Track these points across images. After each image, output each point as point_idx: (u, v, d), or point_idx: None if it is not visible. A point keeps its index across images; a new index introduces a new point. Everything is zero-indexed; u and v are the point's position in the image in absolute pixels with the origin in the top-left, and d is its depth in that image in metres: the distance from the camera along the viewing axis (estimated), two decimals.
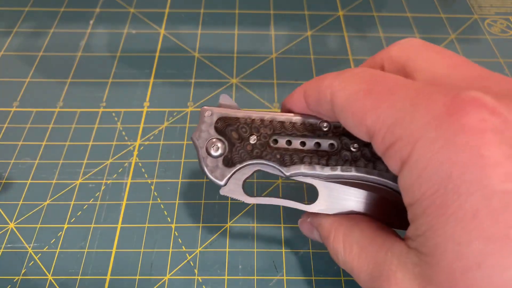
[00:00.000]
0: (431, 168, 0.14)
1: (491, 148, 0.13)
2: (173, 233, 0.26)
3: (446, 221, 0.13)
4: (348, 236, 0.19)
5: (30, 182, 0.28)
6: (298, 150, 0.20)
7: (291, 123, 0.20)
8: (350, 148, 0.20)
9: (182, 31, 0.38)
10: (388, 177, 0.19)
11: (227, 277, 0.24)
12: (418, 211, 0.14)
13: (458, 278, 0.13)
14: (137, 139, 0.30)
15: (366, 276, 0.17)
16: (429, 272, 0.14)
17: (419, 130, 0.14)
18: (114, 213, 0.26)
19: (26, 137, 0.30)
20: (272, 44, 0.37)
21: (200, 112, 0.21)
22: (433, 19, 0.40)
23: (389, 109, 0.15)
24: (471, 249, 0.13)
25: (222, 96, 0.22)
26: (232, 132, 0.21)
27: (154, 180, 0.28)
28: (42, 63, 0.35)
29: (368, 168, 0.19)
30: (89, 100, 0.32)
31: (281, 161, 0.20)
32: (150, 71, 0.34)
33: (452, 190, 0.13)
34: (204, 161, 0.21)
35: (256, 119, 0.21)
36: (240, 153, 0.20)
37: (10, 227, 0.26)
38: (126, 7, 0.40)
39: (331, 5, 0.41)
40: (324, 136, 0.20)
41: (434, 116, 0.14)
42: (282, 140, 0.20)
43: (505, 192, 0.13)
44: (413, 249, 0.15)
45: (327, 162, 0.20)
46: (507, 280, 0.12)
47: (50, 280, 0.24)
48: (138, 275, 0.24)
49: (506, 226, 0.12)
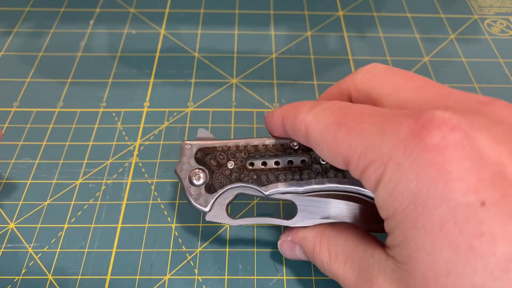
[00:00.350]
0: (401, 186, 0.15)
1: (453, 164, 0.14)
2: (173, 233, 0.26)
3: (417, 234, 0.14)
4: (333, 245, 0.20)
5: (30, 182, 0.28)
6: (273, 169, 0.22)
7: (264, 145, 0.22)
8: (320, 161, 0.22)
9: (182, 31, 0.38)
10: (359, 183, 0.20)
11: (227, 277, 0.24)
12: (392, 225, 0.16)
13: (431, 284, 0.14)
14: (137, 139, 0.30)
15: (351, 283, 0.18)
16: (406, 279, 0.15)
17: (388, 153, 0.15)
18: (114, 213, 0.26)
19: (26, 137, 0.30)
20: (272, 44, 0.37)
21: (181, 146, 0.23)
22: (433, 19, 0.40)
23: (359, 136, 0.16)
24: (440, 258, 0.14)
25: (200, 130, 0.24)
26: (211, 160, 0.22)
27: (154, 180, 0.28)
28: (42, 63, 0.35)
29: (338, 177, 0.21)
30: (89, 100, 0.32)
31: (258, 181, 0.22)
32: (150, 71, 0.35)
33: (421, 205, 0.14)
34: (188, 191, 0.22)
35: (232, 146, 0.22)
36: (220, 178, 0.22)
37: (10, 227, 0.26)
38: (126, 7, 0.40)
39: (331, 5, 0.41)
40: (295, 154, 0.22)
41: (401, 138, 0.15)
42: (257, 162, 0.22)
43: (468, 204, 0.14)
44: (391, 257, 0.16)
45: (300, 177, 0.21)
46: (475, 285, 0.13)
47: (50, 280, 0.24)
48: (138, 275, 0.24)
49: (470, 236, 0.13)
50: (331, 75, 0.35)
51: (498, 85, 0.34)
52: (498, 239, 0.13)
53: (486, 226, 0.13)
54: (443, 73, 0.35)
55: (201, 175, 0.22)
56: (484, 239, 0.13)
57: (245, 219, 0.22)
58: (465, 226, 0.13)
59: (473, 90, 0.34)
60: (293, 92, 0.33)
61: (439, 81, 0.34)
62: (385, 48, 0.37)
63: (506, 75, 0.35)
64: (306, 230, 0.22)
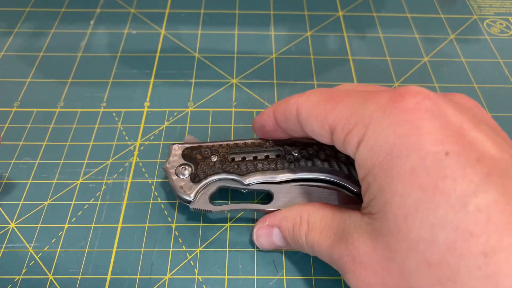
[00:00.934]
0: (380, 140, 0.17)
1: (424, 122, 0.17)
2: (173, 233, 0.26)
3: (392, 181, 0.17)
4: (311, 217, 0.22)
5: (30, 182, 0.28)
6: (251, 161, 0.25)
7: (244, 143, 0.25)
8: (292, 152, 0.25)
9: (182, 31, 0.38)
10: (328, 171, 0.24)
11: (227, 277, 0.24)
12: (370, 179, 0.18)
13: (401, 223, 0.17)
14: (137, 139, 0.30)
15: (326, 247, 0.20)
16: (378, 226, 0.18)
17: (370, 115, 0.18)
18: (115, 213, 0.26)
19: (26, 137, 0.30)
20: (272, 44, 0.37)
21: (170, 148, 0.26)
22: (432, 19, 0.40)
23: (346, 106, 0.19)
24: (410, 198, 0.16)
25: (188, 137, 0.27)
26: (196, 154, 0.25)
27: (154, 180, 0.28)
28: (42, 63, 0.35)
29: (308, 166, 0.24)
30: (89, 100, 0.32)
31: (239, 171, 0.24)
32: (150, 71, 0.35)
33: (396, 155, 0.17)
34: (174, 183, 0.24)
35: (216, 145, 0.25)
36: (204, 169, 0.25)
37: (11, 226, 0.26)
38: (126, 7, 0.40)
39: (331, 5, 0.41)
40: (271, 149, 0.25)
41: (381, 105, 0.18)
42: (238, 157, 0.25)
43: (435, 153, 0.16)
44: (366, 214, 0.19)
45: (276, 166, 0.24)
46: (438, 217, 0.16)
47: (51, 280, 0.24)
48: (138, 275, 0.24)
49: (436, 178, 0.16)
50: (331, 75, 0.35)
51: (498, 85, 0.34)
52: (457, 180, 0.16)
53: (449, 170, 0.16)
54: (442, 73, 0.35)
55: (187, 169, 0.25)
56: (447, 180, 0.16)
57: (227, 206, 0.24)
58: (432, 170, 0.16)
59: (472, 90, 0.34)
60: (293, 92, 0.33)
61: (439, 81, 0.34)
62: (384, 48, 0.37)
63: (506, 75, 0.35)
64: (286, 209, 0.23)
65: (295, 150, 0.25)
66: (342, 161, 0.24)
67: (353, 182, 0.24)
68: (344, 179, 0.24)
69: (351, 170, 0.24)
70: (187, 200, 0.24)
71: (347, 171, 0.24)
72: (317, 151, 0.25)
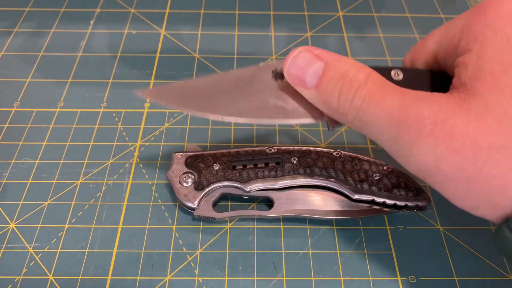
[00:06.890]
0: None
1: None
2: (173, 234, 0.26)
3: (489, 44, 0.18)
4: (376, 75, 0.19)
5: (30, 182, 0.28)
6: (252, 168, 0.26)
7: (245, 151, 0.26)
8: (291, 160, 0.26)
9: (183, 31, 0.38)
10: (325, 177, 0.25)
11: (227, 278, 0.24)
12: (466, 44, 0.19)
13: (500, 76, 0.17)
14: (137, 139, 0.30)
15: (399, 108, 0.18)
16: (473, 87, 0.17)
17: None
18: (115, 214, 0.26)
19: (26, 137, 0.30)
20: (272, 45, 0.37)
21: (172, 157, 0.27)
22: (432, 19, 0.40)
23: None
24: (509, 56, 0.17)
25: (189, 145, 0.28)
26: (199, 163, 0.26)
27: (155, 182, 0.28)
28: (42, 63, 0.35)
29: (307, 173, 0.25)
30: (89, 100, 0.32)
31: (240, 179, 0.25)
32: (150, 72, 0.35)
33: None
34: (178, 191, 0.25)
35: (218, 153, 0.26)
36: (207, 177, 0.25)
37: (11, 227, 0.26)
38: (126, 7, 0.40)
39: (331, 6, 0.41)
40: (271, 156, 0.26)
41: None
42: (239, 164, 0.26)
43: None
44: (455, 88, 0.18)
45: (276, 173, 0.25)
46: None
47: (51, 280, 0.24)
48: (139, 276, 0.24)
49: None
50: None
51: None
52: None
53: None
54: None
55: (190, 177, 0.26)
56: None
57: (229, 213, 0.26)
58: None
59: None
60: None
61: None
62: (384, 49, 0.37)
63: None
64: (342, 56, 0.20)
65: (294, 158, 0.26)
66: (338, 169, 0.25)
67: (350, 188, 0.25)
68: (341, 185, 0.25)
69: (347, 177, 0.25)
70: (191, 208, 0.25)
71: (343, 177, 0.25)
72: (315, 160, 0.26)
